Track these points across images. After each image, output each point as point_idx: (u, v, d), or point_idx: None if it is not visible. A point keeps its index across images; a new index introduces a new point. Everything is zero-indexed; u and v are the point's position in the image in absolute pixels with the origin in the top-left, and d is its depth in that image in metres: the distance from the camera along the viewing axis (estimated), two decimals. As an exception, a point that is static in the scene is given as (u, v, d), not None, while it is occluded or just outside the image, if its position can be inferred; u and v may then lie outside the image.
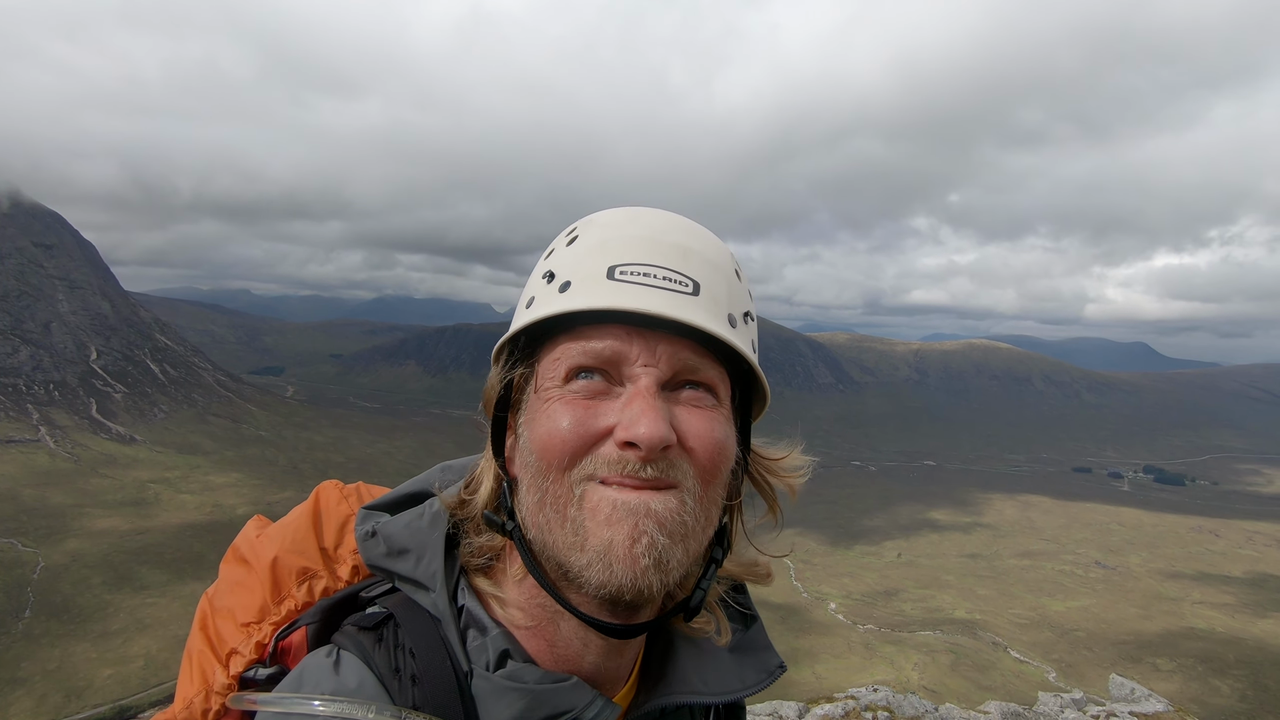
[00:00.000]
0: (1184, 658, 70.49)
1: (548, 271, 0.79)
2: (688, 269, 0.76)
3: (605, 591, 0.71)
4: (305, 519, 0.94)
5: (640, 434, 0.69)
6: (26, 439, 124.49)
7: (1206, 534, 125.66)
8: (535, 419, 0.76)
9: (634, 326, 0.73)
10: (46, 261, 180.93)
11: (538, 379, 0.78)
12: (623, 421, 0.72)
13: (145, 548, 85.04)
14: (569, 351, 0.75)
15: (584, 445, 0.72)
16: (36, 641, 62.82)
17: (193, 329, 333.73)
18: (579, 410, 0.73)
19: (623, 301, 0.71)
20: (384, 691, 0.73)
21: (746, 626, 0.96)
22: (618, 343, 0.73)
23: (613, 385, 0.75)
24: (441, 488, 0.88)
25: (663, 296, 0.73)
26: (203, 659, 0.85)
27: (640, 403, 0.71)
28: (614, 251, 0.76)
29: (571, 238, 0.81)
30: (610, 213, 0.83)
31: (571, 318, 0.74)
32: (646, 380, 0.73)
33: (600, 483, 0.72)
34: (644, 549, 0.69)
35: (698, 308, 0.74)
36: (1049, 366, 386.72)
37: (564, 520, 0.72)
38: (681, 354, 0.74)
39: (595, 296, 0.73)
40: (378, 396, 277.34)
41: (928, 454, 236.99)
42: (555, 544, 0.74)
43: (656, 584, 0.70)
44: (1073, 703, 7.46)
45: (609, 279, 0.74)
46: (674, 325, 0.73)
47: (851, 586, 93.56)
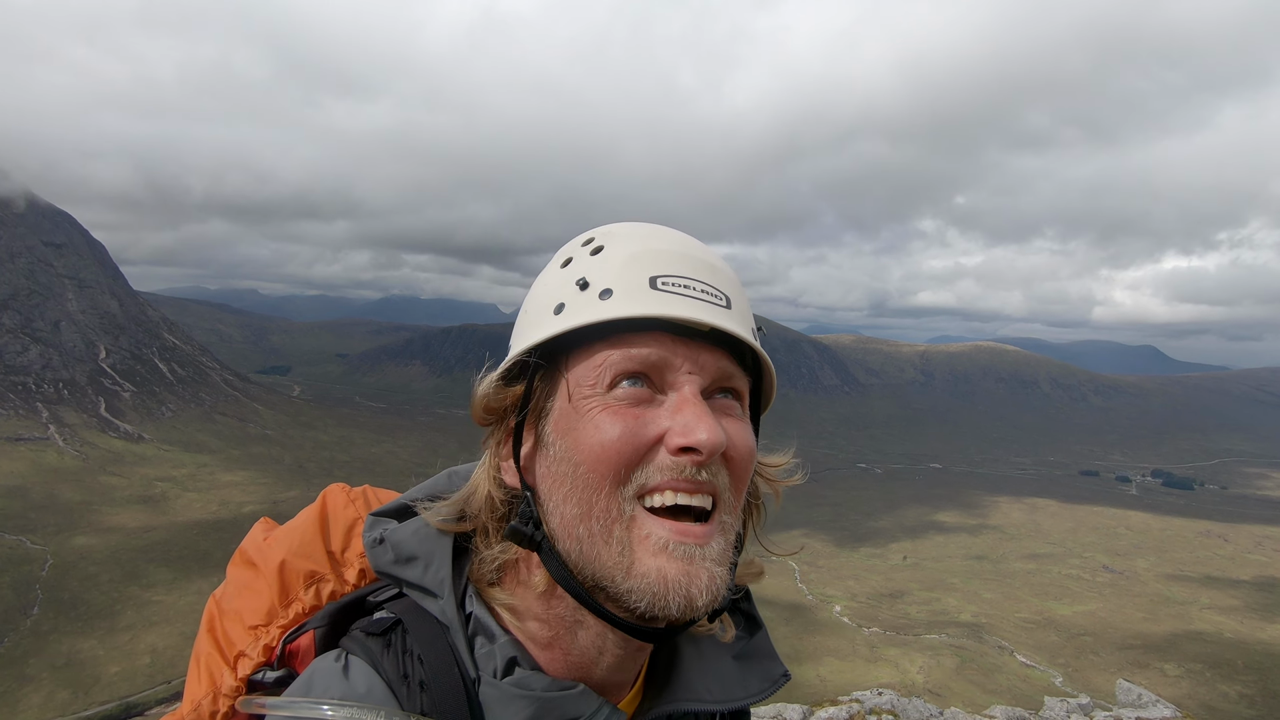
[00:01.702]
0: (1191, 662, 70.01)
1: (580, 279, 0.78)
2: (719, 283, 0.78)
3: (651, 615, 0.72)
4: (312, 522, 0.94)
5: (702, 439, 0.70)
6: (35, 437, 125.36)
7: (1215, 538, 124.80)
8: (576, 428, 0.75)
9: (677, 335, 0.75)
10: (56, 260, 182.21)
11: (569, 385, 0.77)
12: (676, 427, 0.72)
13: (152, 545, 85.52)
14: (612, 358, 0.75)
15: (636, 455, 0.72)
16: (45, 638, 63.21)
17: (200, 328, 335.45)
18: (628, 419, 0.73)
19: (674, 310, 0.73)
20: (392, 697, 0.74)
21: (751, 633, 0.97)
22: (664, 350, 0.74)
23: (655, 393, 0.75)
24: (449, 494, 0.88)
25: (705, 308, 0.75)
26: (210, 661, 0.86)
27: (694, 407, 0.73)
28: (651, 263, 0.77)
29: (595, 248, 0.80)
30: (627, 226, 0.83)
31: (612, 325, 0.75)
32: (692, 387, 0.74)
33: (650, 510, 0.73)
34: (705, 585, 0.71)
35: (732, 320, 0.77)
36: (1056, 369, 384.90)
37: (609, 538, 0.72)
38: (721, 363, 0.77)
39: (644, 304, 0.74)
40: (383, 396, 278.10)
41: (933, 456, 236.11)
42: (597, 559, 0.74)
43: (707, 610, 0.72)
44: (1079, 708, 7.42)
45: (653, 289, 0.75)
46: (714, 335, 0.76)
47: (856, 589, 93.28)
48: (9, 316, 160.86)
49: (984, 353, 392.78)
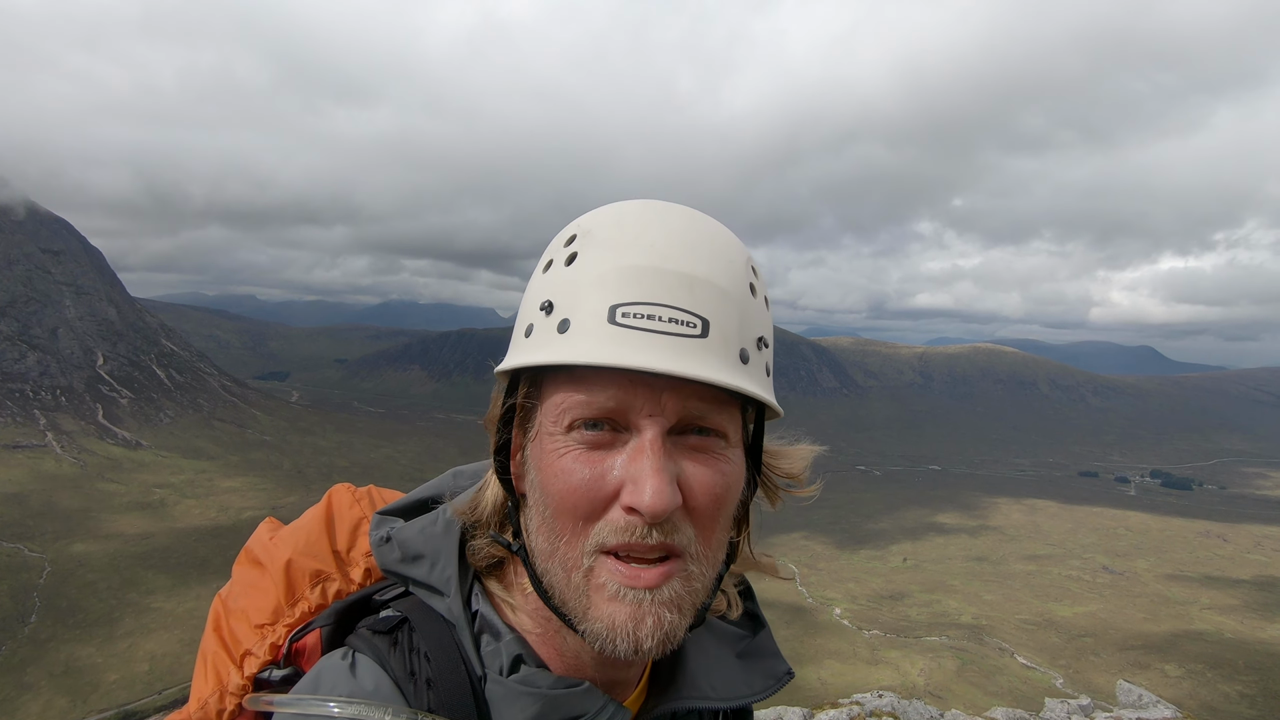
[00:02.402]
0: (1192, 663, 69.99)
1: (546, 301, 0.74)
2: (694, 305, 0.71)
3: (606, 653, 0.72)
4: (318, 522, 0.94)
5: (644, 502, 0.67)
6: (33, 444, 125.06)
7: (1214, 538, 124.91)
8: (543, 466, 0.74)
9: (637, 375, 0.70)
10: (54, 267, 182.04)
11: (541, 414, 0.76)
12: (627, 482, 0.70)
13: (151, 552, 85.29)
14: (570, 401, 0.72)
15: (593, 509, 0.71)
16: (43, 646, 63.00)
17: (199, 334, 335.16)
18: (587, 469, 0.71)
19: (625, 357, 0.68)
20: (399, 694, 0.74)
21: (754, 632, 0.97)
22: (621, 393, 0.70)
23: (618, 432, 0.72)
24: (453, 494, 0.89)
25: (666, 345, 0.69)
26: (217, 659, 0.86)
27: (643, 462, 0.69)
28: (614, 287, 0.71)
29: (570, 255, 0.76)
30: (609, 223, 0.76)
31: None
32: (652, 433, 0.70)
33: (609, 554, 0.72)
34: (649, 631, 0.70)
35: (706, 353, 0.71)
36: (1054, 370, 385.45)
37: (569, 582, 0.73)
38: (688, 403, 0.72)
39: (595, 346, 0.69)
40: (382, 401, 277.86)
41: (932, 458, 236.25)
42: (560, 596, 0.75)
43: (660, 652, 0.72)
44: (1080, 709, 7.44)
45: (610, 322, 0.70)
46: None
47: (856, 591, 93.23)
48: (6, 324, 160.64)
49: (982, 354, 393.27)
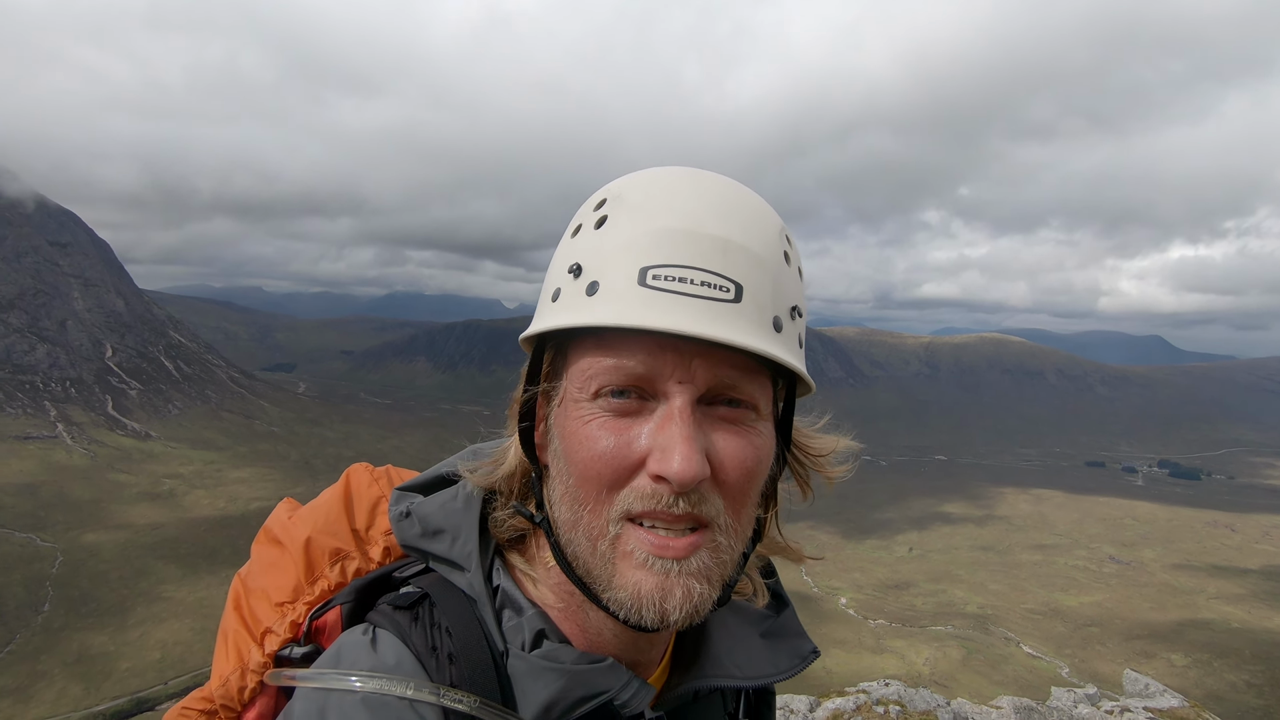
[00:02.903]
0: (1199, 652, 69.94)
1: (574, 264, 0.73)
2: (728, 269, 0.69)
3: (627, 621, 0.72)
4: (337, 501, 0.95)
5: (672, 470, 0.66)
6: (44, 435, 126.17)
7: (1222, 528, 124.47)
8: (568, 434, 0.74)
9: (667, 339, 0.68)
10: (62, 260, 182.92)
11: (567, 380, 0.75)
12: (655, 450, 0.68)
13: (161, 542, 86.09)
14: (597, 367, 0.71)
15: (619, 477, 0.70)
16: (56, 634, 63.78)
17: (206, 326, 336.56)
18: (612, 436, 0.70)
19: (655, 319, 0.66)
20: (421, 669, 0.74)
21: (778, 612, 0.96)
22: (650, 357, 0.69)
23: (646, 400, 0.71)
24: (473, 471, 0.88)
25: (699, 308, 0.67)
26: (238, 638, 0.86)
27: (672, 429, 0.68)
28: (646, 250, 0.69)
29: (600, 218, 0.74)
30: (642, 186, 0.75)
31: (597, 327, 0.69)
32: (680, 400, 0.69)
33: (635, 522, 0.71)
34: (678, 602, 0.69)
35: (739, 318, 0.68)
36: (1062, 360, 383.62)
37: (594, 551, 0.72)
38: (719, 370, 0.70)
39: (624, 308, 0.68)
40: (388, 392, 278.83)
41: (939, 448, 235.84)
42: (585, 565, 0.74)
43: (686, 624, 0.71)
44: (1086, 698, 7.42)
45: (640, 285, 0.68)
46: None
47: (862, 580, 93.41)
48: (16, 316, 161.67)
49: (989, 344, 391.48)
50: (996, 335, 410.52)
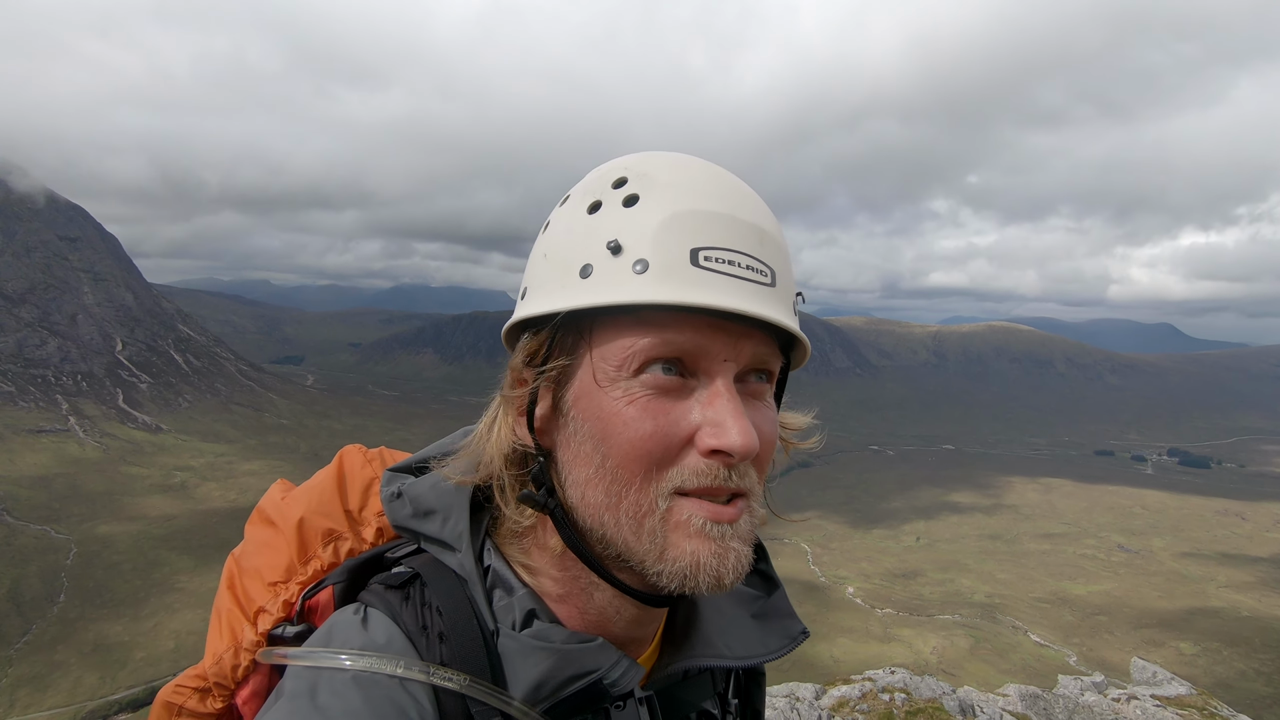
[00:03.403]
0: (1208, 640, 69.84)
1: (612, 241, 0.70)
2: (764, 255, 0.72)
3: (679, 591, 0.72)
4: (330, 482, 0.95)
5: (735, 444, 0.67)
6: (57, 428, 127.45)
7: (1232, 516, 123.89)
8: (603, 416, 0.71)
9: (715, 318, 0.69)
10: (71, 254, 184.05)
11: (594, 360, 0.72)
12: (707, 425, 0.69)
13: (173, 534, 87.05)
14: (642, 343, 0.69)
15: (668, 454, 0.69)
16: (72, 625, 64.71)
17: (214, 319, 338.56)
18: (659, 416, 0.69)
19: (714, 298, 0.67)
20: (411, 648, 0.74)
21: (769, 593, 0.97)
22: (700, 336, 0.69)
23: (686, 378, 0.71)
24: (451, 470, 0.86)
25: (749, 290, 0.70)
26: (231, 617, 0.87)
27: (727, 403, 0.69)
28: (693, 230, 0.70)
29: (628, 196, 0.72)
30: (667, 167, 0.74)
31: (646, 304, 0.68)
32: (725, 378, 0.70)
33: (683, 494, 0.71)
34: (731, 565, 0.70)
35: (776, 300, 0.72)
36: (1071, 348, 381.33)
37: (639, 529, 0.71)
38: (759, 348, 0.72)
39: (682, 288, 0.67)
40: (396, 384, 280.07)
41: (946, 438, 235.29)
42: (624, 544, 0.73)
43: (732, 586, 0.72)
44: (1093, 686, 7.42)
45: (694, 265, 0.68)
46: (756, 320, 0.70)
47: (869, 570, 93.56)
48: (27, 310, 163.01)
49: (997, 333, 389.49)
50: (1005, 324, 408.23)
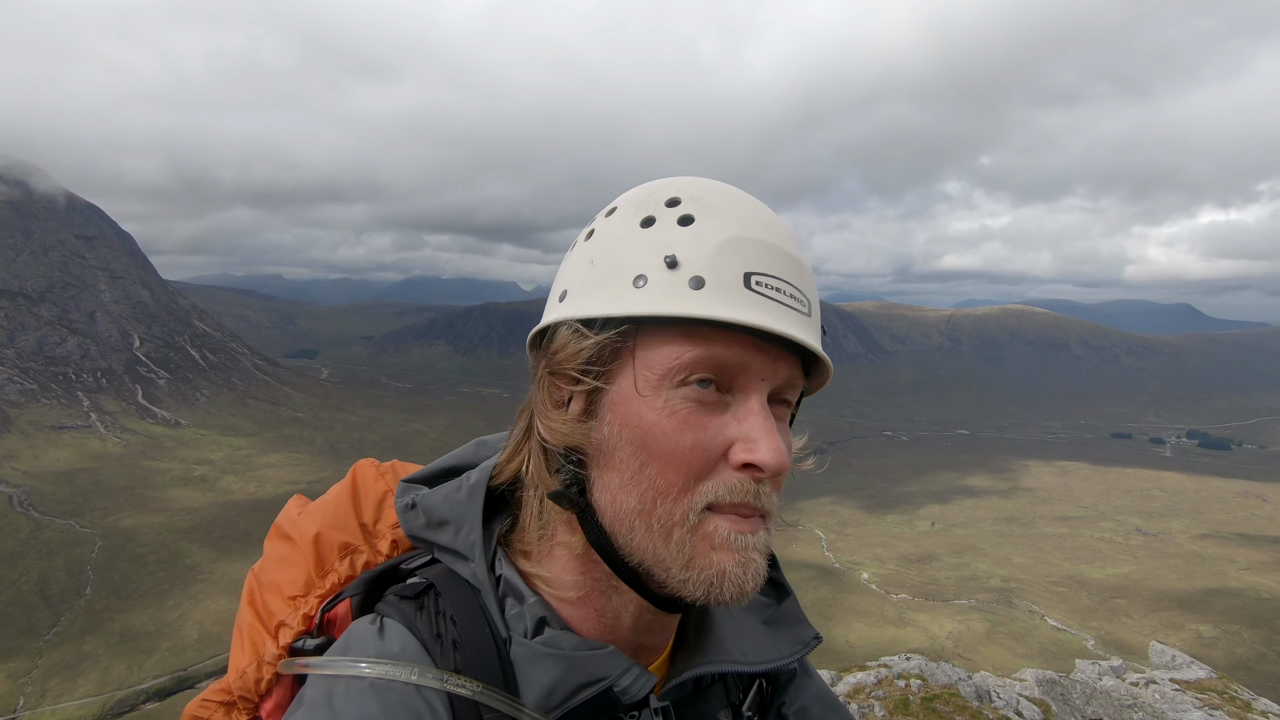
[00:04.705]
0: (1227, 623, 69.26)
1: (670, 256, 0.72)
2: (804, 286, 0.76)
3: (704, 601, 0.73)
4: (344, 496, 0.97)
5: (768, 460, 0.69)
6: (79, 424, 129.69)
7: (1253, 498, 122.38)
8: (643, 425, 0.72)
9: (757, 339, 0.72)
10: (88, 253, 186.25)
11: (637, 368, 0.73)
12: (742, 440, 0.71)
13: (196, 526, 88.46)
14: (690, 356, 0.71)
15: (706, 468, 0.71)
16: (99, 616, 66.09)
17: (229, 314, 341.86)
18: (699, 430, 0.71)
19: (765, 320, 0.70)
20: (426, 655, 0.76)
21: (779, 600, 0.98)
22: (744, 354, 0.72)
23: (722, 394, 0.73)
24: (477, 462, 0.90)
25: (792, 317, 0.73)
26: (253, 631, 0.88)
27: (762, 421, 0.71)
28: (747, 256, 0.72)
29: (684, 216, 0.74)
30: (718, 194, 0.77)
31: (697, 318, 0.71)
32: (760, 397, 0.73)
33: (712, 510, 0.72)
34: (752, 576, 0.72)
35: (812, 328, 0.75)
36: (1087, 330, 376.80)
37: (669, 538, 0.73)
38: (791, 372, 0.75)
39: (736, 308, 0.70)
40: (409, 376, 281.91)
41: (961, 422, 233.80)
42: (652, 552, 0.74)
43: (749, 598, 0.74)
44: (1111, 670, 7.40)
45: (746, 288, 0.71)
46: (788, 342, 0.73)
47: (884, 555, 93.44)
48: (46, 309, 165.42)
49: (1012, 316, 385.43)
50: (1020, 307, 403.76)
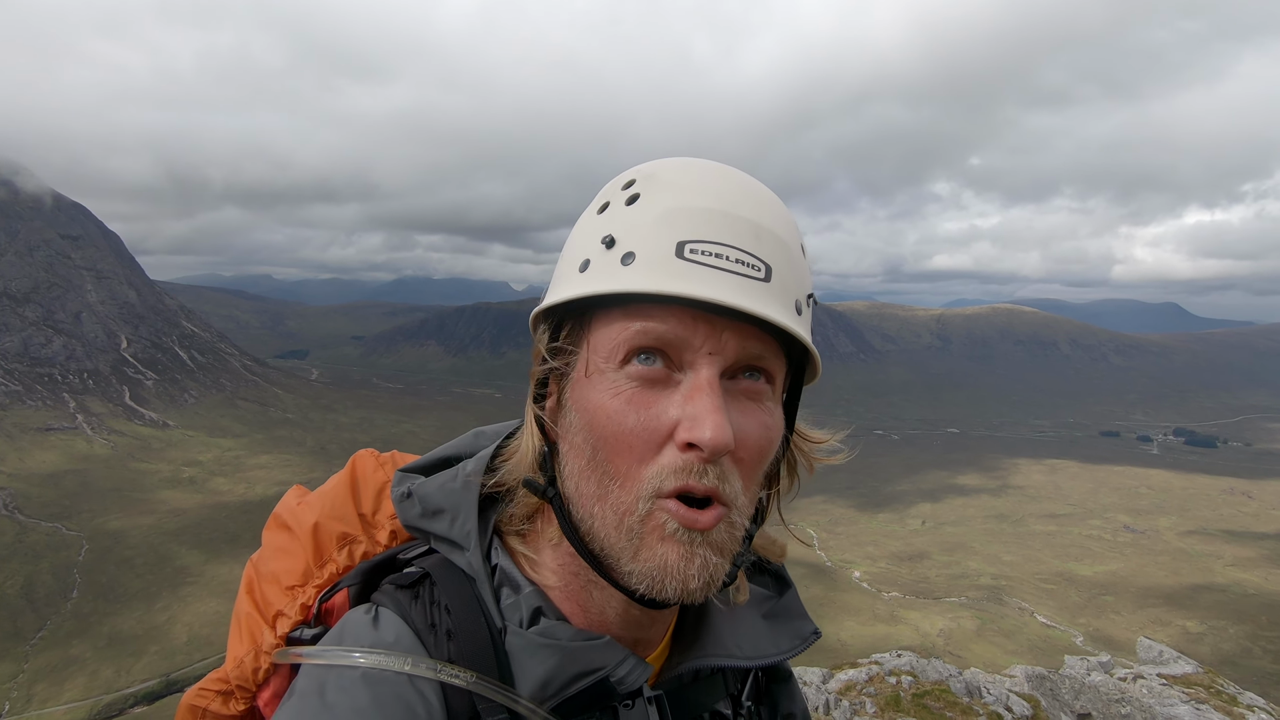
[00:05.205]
0: (1214, 619, 70.00)
1: (607, 235, 0.72)
2: (760, 250, 0.71)
3: (649, 597, 0.72)
4: (343, 486, 0.97)
5: (705, 438, 0.66)
6: (65, 426, 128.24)
7: (1239, 495, 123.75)
8: (590, 407, 0.72)
9: (699, 310, 0.69)
10: (73, 253, 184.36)
11: (588, 352, 0.73)
12: (684, 419, 0.68)
13: (183, 528, 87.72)
14: (627, 333, 0.70)
15: (650, 449, 0.70)
16: (86, 620, 65.41)
17: (218, 315, 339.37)
18: (641, 410, 0.70)
19: (693, 289, 0.67)
20: (420, 645, 0.75)
21: (780, 593, 0.97)
22: (681, 326, 0.69)
23: (672, 370, 0.71)
24: (474, 452, 0.89)
25: (734, 283, 0.68)
26: (250, 621, 0.89)
27: (703, 399, 0.68)
28: (683, 225, 0.70)
29: (631, 195, 0.74)
30: (673, 169, 0.75)
31: (630, 294, 0.69)
32: (709, 371, 0.69)
33: (662, 497, 0.70)
34: (697, 571, 0.70)
35: (769, 296, 0.70)
36: (1075, 329, 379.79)
37: (620, 526, 0.72)
38: (747, 343, 0.71)
39: (663, 278, 0.68)
40: (400, 377, 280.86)
41: (951, 421, 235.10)
42: (606, 539, 0.73)
43: (702, 596, 0.72)
44: (1099, 666, 7.46)
45: (678, 257, 0.69)
46: (745, 315, 0.68)
47: (876, 553, 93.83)
48: (31, 309, 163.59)
49: (1001, 315, 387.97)
50: (1009, 306, 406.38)
